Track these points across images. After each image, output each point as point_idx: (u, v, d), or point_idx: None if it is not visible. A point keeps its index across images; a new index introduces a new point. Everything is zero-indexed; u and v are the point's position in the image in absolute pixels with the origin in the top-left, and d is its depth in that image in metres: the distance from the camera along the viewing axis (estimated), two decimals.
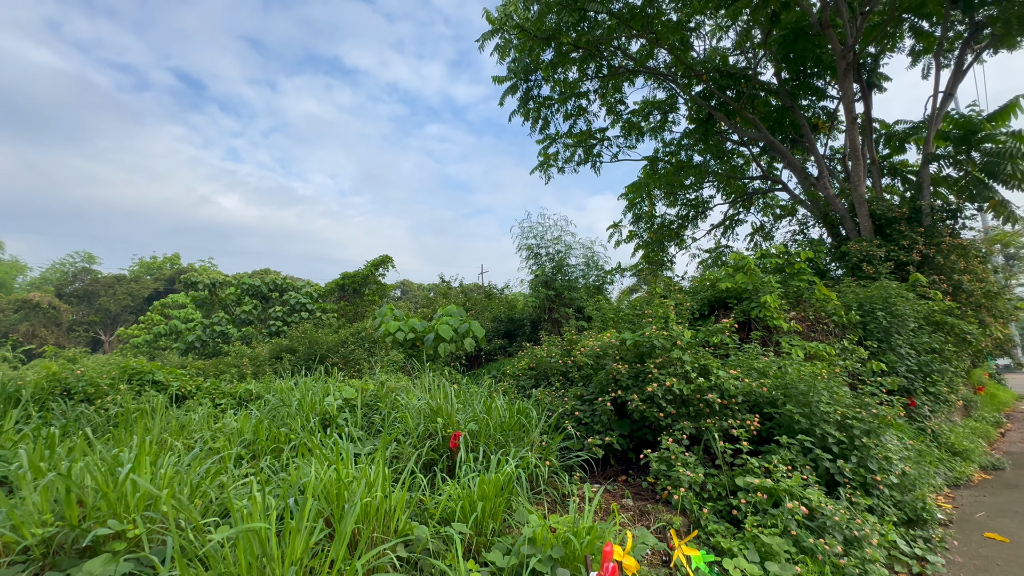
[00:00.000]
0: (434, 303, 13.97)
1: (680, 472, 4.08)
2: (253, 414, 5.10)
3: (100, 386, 5.85)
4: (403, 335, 8.12)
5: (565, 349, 6.68)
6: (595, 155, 16.36)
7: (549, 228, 10.20)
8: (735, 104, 12.87)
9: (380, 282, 17.90)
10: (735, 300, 7.46)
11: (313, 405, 5.18)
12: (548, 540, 2.72)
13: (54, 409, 5.38)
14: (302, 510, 2.19)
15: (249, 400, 6.87)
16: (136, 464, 2.90)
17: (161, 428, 4.84)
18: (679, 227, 18.06)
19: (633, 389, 5.12)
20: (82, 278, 48.89)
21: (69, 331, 43.85)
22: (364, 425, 5.17)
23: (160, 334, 29.50)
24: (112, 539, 2.55)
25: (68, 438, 4.46)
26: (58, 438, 4.21)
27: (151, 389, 6.25)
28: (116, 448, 3.97)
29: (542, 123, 14.67)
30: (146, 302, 47.64)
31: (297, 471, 2.99)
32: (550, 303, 9.39)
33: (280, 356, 12.53)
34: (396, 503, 2.78)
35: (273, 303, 17.08)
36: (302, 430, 4.76)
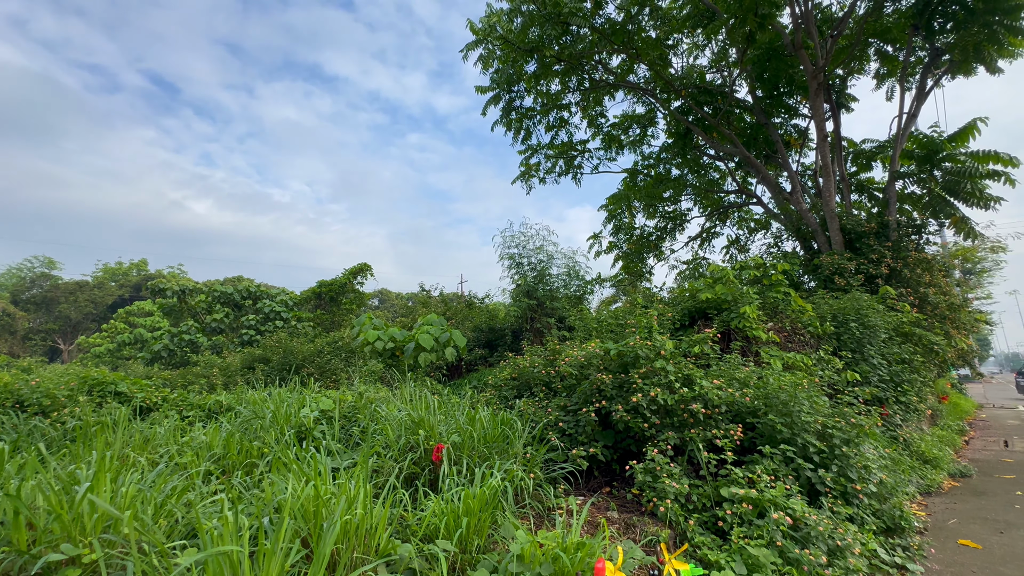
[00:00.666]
0: (414, 312, 13.77)
1: (666, 483, 4.04)
2: (224, 427, 4.86)
3: (57, 398, 5.50)
4: (382, 344, 7.93)
5: (548, 359, 6.62)
6: (576, 167, 16.54)
7: (531, 238, 10.23)
8: (712, 120, 13.21)
9: (358, 291, 17.58)
10: (715, 311, 7.56)
11: (288, 417, 4.97)
12: (536, 557, 2.63)
13: (4, 423, 5.02)
14: (278, 530, 2.05)
15: (219, 412, 6.57)
16: (95, 482, 2.70)
17: (123, 442, 4.56)
18: (658, 239, 18.34)
19: (617, 399, 5.08)
20: (40, 284, 46.60)
21: (24, 339, 41.62)
22: (342, 438, 4.98)
23: (124, 343, 28.22)
24: (66, 565, 2.35)
25: (18, 454, 4.16)
26: (7, 454, 3.92)
27: (113, 401, 5.91)
28: (73, 464, 3.71)
29: (524, 134, 14.77)
30: (110, 309, 45.68)
31: (272, 487, 2.83)
32: (532, 313, 9.34)
33: (253, 366, 12.11)
34: (377, 521, 2.65)
35: (246, 311, 16.55)
36: (276, 444, 4.55)
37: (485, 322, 11.50)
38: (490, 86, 13.39)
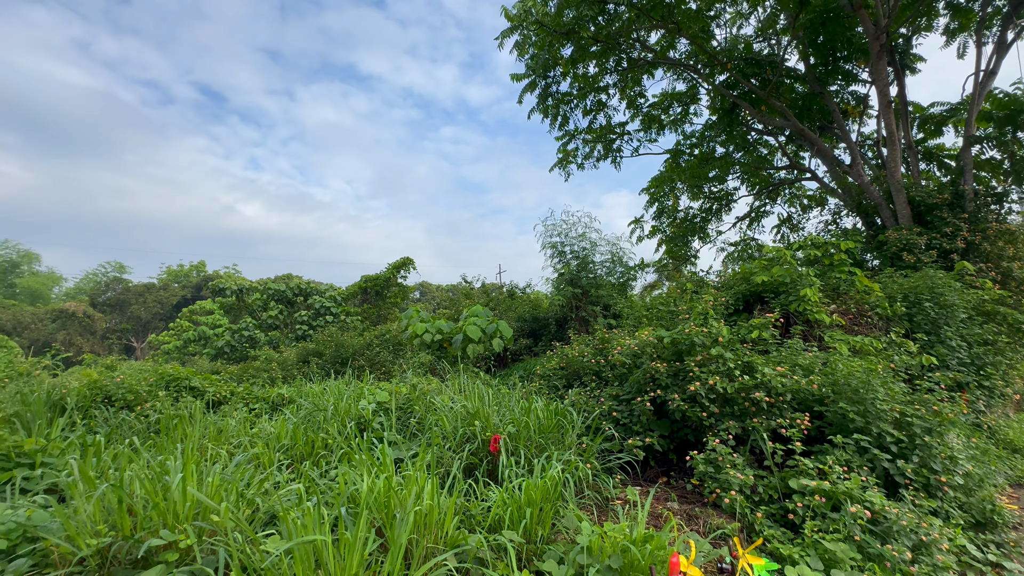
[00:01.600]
0: (457, 304, 13.95)
1: (729, 474, 3.92)
2: (289, 420, 5.10)
3: (139, 393, 5.94)
4: (431, 336, 8.08)
5: (597, 348, 6.54)
6: (615, 150, 16.12)
7: (573, 225, 10.07)
8: (760, 92, 12.50)
9: (401, 284, 17.98)
10: (772, 294, 7.21)
11: (348, 410, 5.15)
12: (604, 549, 2.61)
13: (97, 416, 5.49)
14: (357, 521, 2.12)
15: (282, 404, 6.91)
16: (185, 472, 2.89)
17: (200, 434, 4.87)
18: (703, 220, 17.69)
19: (673, 388, 4.96)
20: (114, 287, 50.50)
21: (103, 339, 45.34)
22: (400, 429, 5.12)
23: (189, 340, 30.24)
24: (164, 549, 2.53)
25: (113, 445, 4.52)
26: (103, 445, 4.27)
27: (188, 395, 6.33)
28: (160, 455, 4.00)
29: (561, 119, 14.51)
30: (175, 309, 48.96)
31: (344, 477, 2.93)
32: (576, 301, 9.24)
33: (307, 360, 12.66)
34: (445, 511, 2.70)
35: (298, 307, 17.30)
36: (339, 435, 4.73)
37: (528, 312, 11.49)
38: (525, 73, 13.21)
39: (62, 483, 3.74)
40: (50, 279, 56.46)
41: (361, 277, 18.62)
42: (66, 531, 2.54)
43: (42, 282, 54.96)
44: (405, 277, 18.01)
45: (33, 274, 55.08)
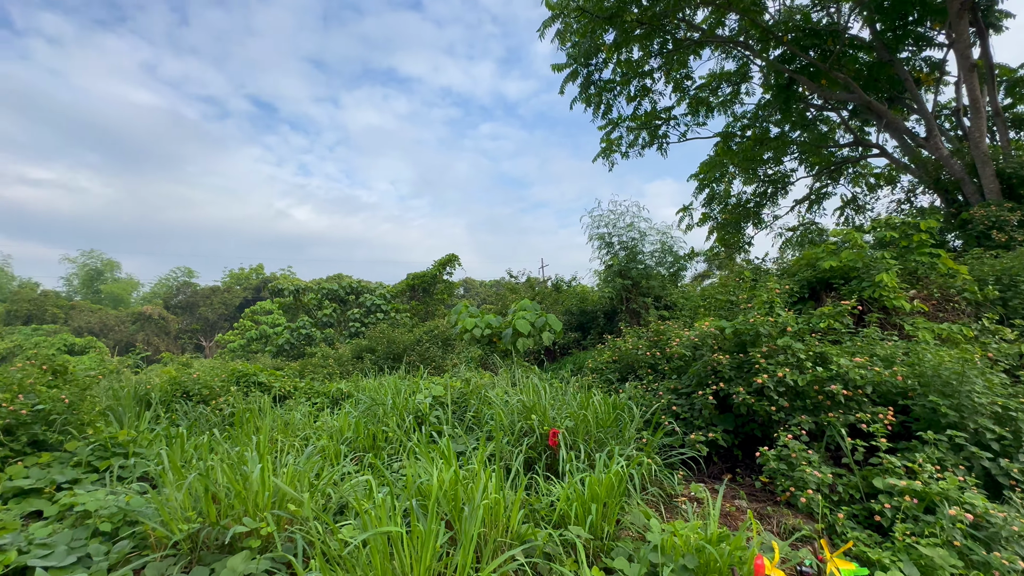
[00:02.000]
0: (503, 299, 14.00)
1: (805, 472, 3.68)
2: (351, 414, 5.27)
3: (214, 388, 6.34)
4: (480, 331, 8.13)
5: (652, 340, 6.35)
6: (660, 136, 15.57)
7: (620, 216, 9.81)
8: (820, 64, 11.67)
9: (447, 281, 18.27)
10: (840, 280, 6.74)
11: (405, 404, 5.27)
12: (677, 548, 2.50)
13: (177, 410, 5.91)
14: (429, 514, 2.13)
15: (341, 399, 7.18)
16: (262, 463, 3.02)
17: (270, 427, 5.12)
18: (757, 205, 16.82)
19: (737, 381, 4.73)
20: (184, 291, 54.42)
21: (176, 338, 49.03)
22: (455, 423, 5.18)
23: (252, 338, 32.16)
24: (247, 536, 2.66)
25: (193, 437, 4.85)
26: (185, 437, 4.57)
27: (256, 390, 6.70)
28: (236, 447, 4.23)
29: (604, 108, 14.16)
30: (238, 309, 52.15)
31: (411, 468, 2.97)
32: (626, 293, 9.02)
33: (361, 356, 13.13)
34: (510, 505, 2.68)
35: (350, 305, 17.95)
36: (398, 428, 4.84)
37: (576, 305, 11.34)
38: (567, 63, 12.98)
39: (152, 471, 4.03)
40: (129, 285, 61.61)
41: (408, 275, 19.11)
42: (160, 516, 2.72)
43: (123, 288, 60.07)
44: (451, 273, 18.28)
45: (115, 281, 60.29)
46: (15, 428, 4.27)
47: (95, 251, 58.66)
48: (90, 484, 3.88)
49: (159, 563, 2.53)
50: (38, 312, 44.69)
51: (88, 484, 3.87)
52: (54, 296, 49.76)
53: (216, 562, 2.55)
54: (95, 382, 5.69)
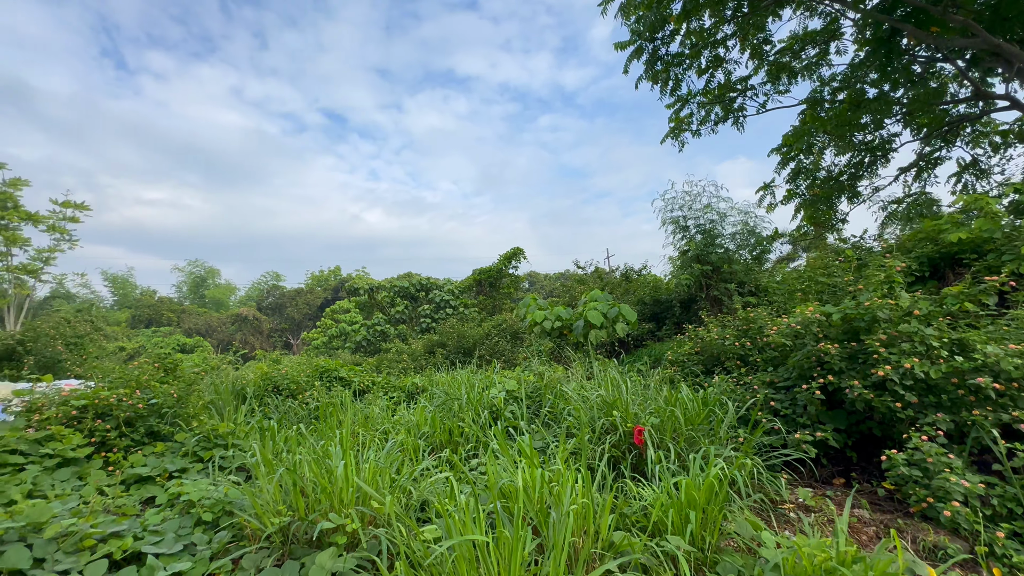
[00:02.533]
0: (571, 290, 13.69)
1: (949, 480, 3.12)
2: (427, 409, 5.29)
3: (300, 383, 6.68)
4: (550, 324, 7.92)
5: (741, 329, 5.80)
6: (735, 110, 14.35)
7: (696, 197, 9.11)
8: (932, 8, 10.11)
9: (513, 274, 18.24)
10: (972, 255, 5.76)
11: (480, 398, 5.19)
12: (802, 569, 2.15)
13: (269, 403, 6.29)
14: (516, 519, 1.96)
15: (416, 393, 7.31)
16: (345, 459, 3.03)
17: (351, 420, 5.27)
18: (852, 177, 15.07)
19: (849, 373, 4.15)
20: (273, 293, 59.29)
21: (268, 337, 53.59)
22: (530, 418, 5.03)
23: (333, 336, 34.34)
24: (334, 532, 2.66)
25: (283, 429, 5.09)
26: (276, 430, 4.79)
27: (338, 385, 6.97)
28: (321, 440, 4.35)
29: (672, 84, 13.29)
30: (319, 309, 55.95)
31: (492, 468, 2.84)
32: (706, 279, 8.37)
33: (433, 350, 13.44)
34: (602, 510, 2.46)
35: (420, 302, 18.48)
36: (474, 423, 4.77)
37: (648, 294, 10.78)
38: (630, 39, 12.31)
39: (248, 463, 4.24)
40: (228, 289, 68.24)
41: (474, 270, 19.34)
42: (255, 510, 2.79)
43: (223, 292, 66.67)
44: (516, 267, 18.22)
45: (216, 286, 67.08)
46: (135, 420, 4.69)
47: (199, 260, 65.55)
48: (196, 473, 4.17)
49: (254, 555, 2.59)
50: (156, 316, 50.70)
51: (194, 473, 4.16)
52: (168, 301, 56.21)
53: (306, 556, 2.57)
54: (199, 378, 6.18)
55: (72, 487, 3.77)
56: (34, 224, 27.01)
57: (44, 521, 2.45)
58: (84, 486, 3.81)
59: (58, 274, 26.42)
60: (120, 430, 4.50)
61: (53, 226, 27.51)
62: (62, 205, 27.62)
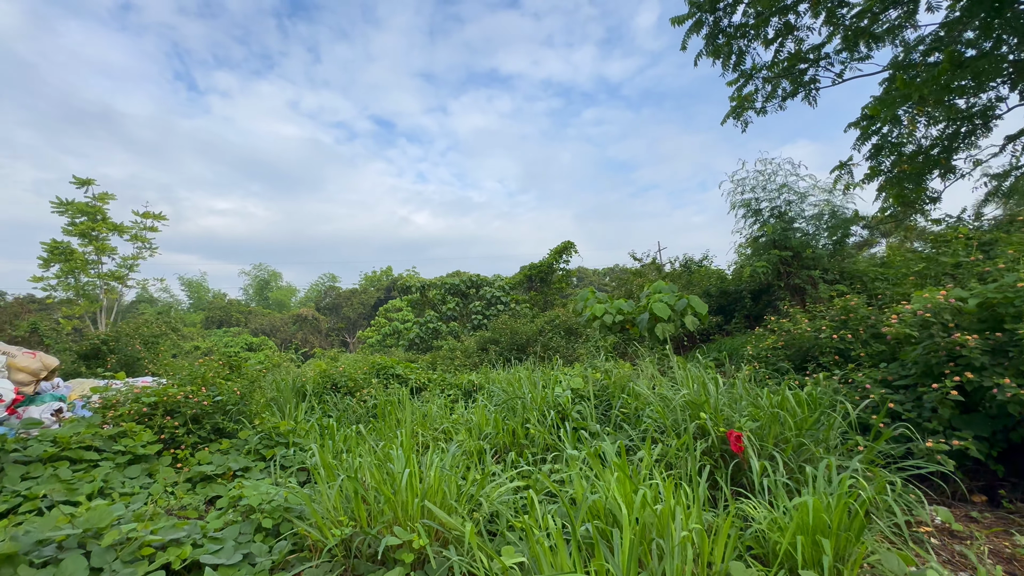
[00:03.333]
0: (627, 283, 13.06)
1: None
2: (488, 407, 5.00)
3: (358, 380, 6.60)
4: (611, 318, 7.44)
5: (839, 320, 5.10)
6: (806, 83, 13.13)
7: (770, 177, 8.25)
8: None
9: (564, 269, 17.76)
10: None
11: (544, 397, 4.83)
12: None
13: (328, 401, 6.24)
14: (623, 552, 1.58)
15: (473, 391, 7.06)
16: (407, 464, 2.76)
17: (410, 419, 5.06)
18: (944, 150, 13.41)
19: (994, 369, 3.44)
20: (330, 295, 61.90)
21: (326, 336, 55.97)
22: (600, 419, 4.61)
23: (386, 334, 35.20)
24: (399, 548, 2.38)
25: (343, 428, 4.97)
26: (336, 429, 4.66)
27: (394, 382, 6.85)
28: (381, 441, 4.14)
29: (735, 58, 12.31)
30: (373, 308, 57.80)
31: (577, 479, 2.47)
32: (785, 266, 7.56)
33: (486, 347, 13.25)
34: (717, 535, 2.02)
35: (471, 299, 18.39)
36: (540, 424, 4.42)
37: (715, 285, 10.00)
38: (689, 12, 11.49)
39: (308, 464, 4.10)
40: (289, 291, 72.02)
41: (522, 267, 19.03)
42: (314, 519, 2.57)
43: (284, 294, 70.42)
44: (567, 261, 17.72)
45: (278, 288, 70.97)
46: (201, 417, 4.70)
47: (263, 264, 69.54)
48: (258, 472, 4.08)
49: (315, 570, 2.37)
50: (226, 317, 54.25)
51: (257, 472, 4.07)
52: (237, 303, 60.01)
53: (370, 573, 2.31)
54: (262, 376, 6.21)
55: (141, 484, 3.76)
56: (119, 234, 29.42)
57: (105, 526, 2.32)
58: (153, 483, 3.79)
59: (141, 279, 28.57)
60: (187, 427, 4.51)
61: (135, 236, 29.85)
62: (143, 216, 29.91)
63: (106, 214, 29.03)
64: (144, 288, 35.90)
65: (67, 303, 28.88)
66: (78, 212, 28.19)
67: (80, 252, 27.99)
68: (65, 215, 28.00)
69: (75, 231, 27.91)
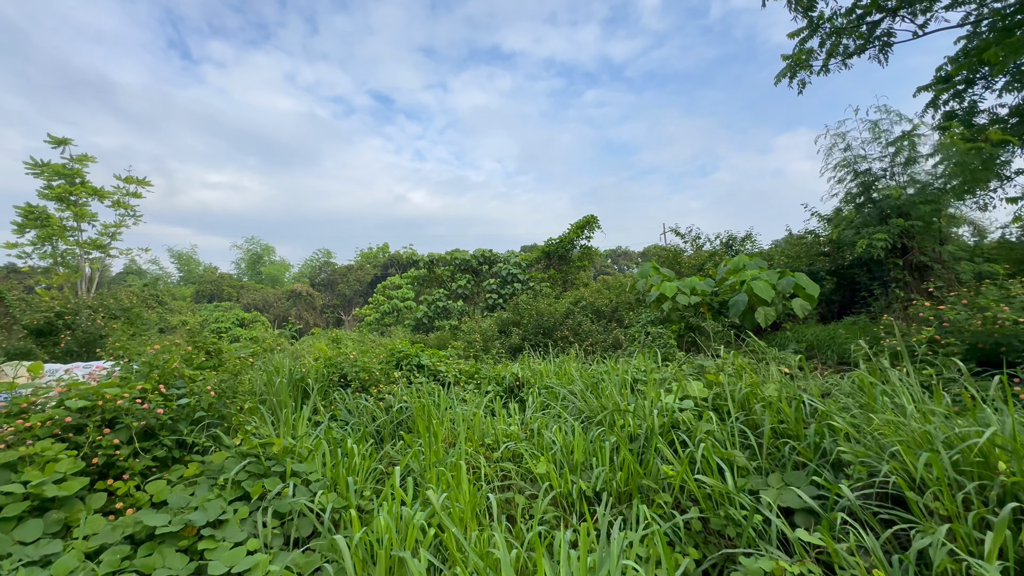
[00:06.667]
0: (671, 262, 11.56)
1: None
2: (565, 420, 3.55)
3: (373, 372, 5.14)
4: (686, 298, 5.98)
5: None
6: (878, 37, 11.48)
7: (883, 132, 6.68)
8: None
9: (587, 246, 16.22)
10: None
11: (650, 411, 3.39)
12: None
13: (336, 400, 4.79)
14: None
15: (516, 387, 5.63)
16: None
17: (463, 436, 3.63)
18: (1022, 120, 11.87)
19: None
20: (325, 270, 60.04)
21: (321, 313, 54.35)
22: (737, 442, 3.19)
23: (385, 312, 33.64)
24: None
25: (360, 444, 3.53)
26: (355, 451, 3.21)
27: (420, 375, 5.39)
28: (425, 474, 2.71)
29: (805, 3, 10.63)
30: (369, 285, 56.13)
31: None
32: (904, 240, 6.07)
33: (506, 330, 11.83)
34: None
35: (484, 276, 16.84)
36: (658, 456, 2.99)
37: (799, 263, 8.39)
38: None
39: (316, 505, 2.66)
40: (283, 266, 70.06)
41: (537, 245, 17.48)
42: None
43: (278, 269, 68.49)
44: (589, 238, 16.18)
45: (271, 263, 69.01)
46: (157, 429, 3.24)
47: (255, 238, 67.37)
48: (237, 527, 2.64)
49: None
50: (218, 291, 52.47)
51: (234, 527, 2.62)
52: (228, 278, 58.16)
53: None
54: (247, 364, 4.74)
55: (44, 554, 2.31)
56: (100, 199, 27.45)
57: None
58: (64, 553, 2.35)
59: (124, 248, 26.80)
60: (135, 446, 3.05)
61: (118, 201, 27.88)
62: (125, 180, 27.91)
63: (85, 177, 26.99)
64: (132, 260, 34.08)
65: (46, 272, 27.08)
66: (54, 174, 26.13)
67: (56, 217, 26.01)
68: (40, 177, 25.94)
69: (51, 195, 25.88)
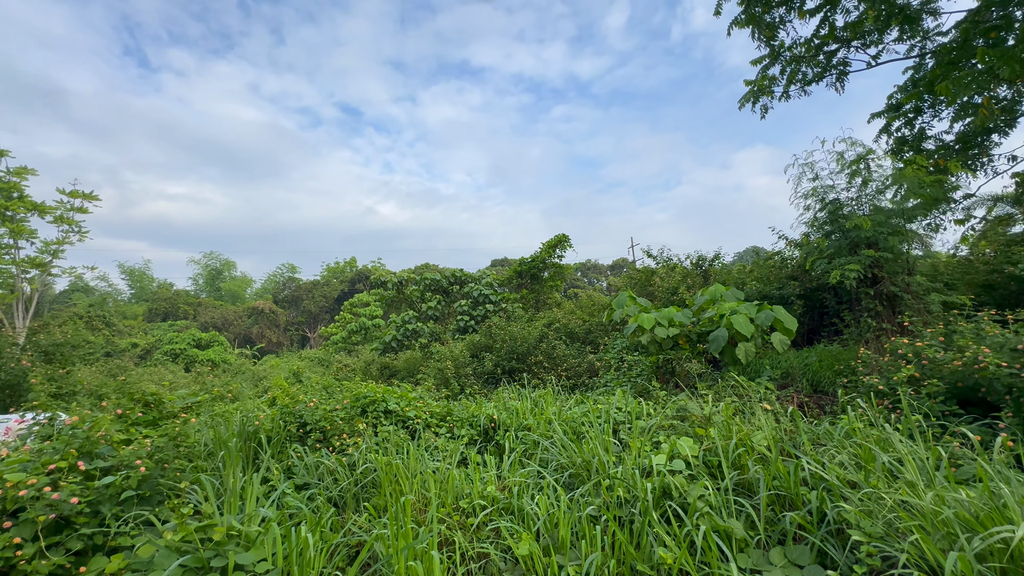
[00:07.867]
0: (642, 283, 11.52)
1: None
2: (542, 477, 3.23)
3: (335, 421, 4.70)
4: (664, 331, 5.82)
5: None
6: (834, 65, 11.98)
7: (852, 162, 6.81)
8: None
9: (558, 264, 16.10)
10: None
11: (641, 476, 3.14)
12: None
13: (292, 456, 4.33)
14: None
15: (493, 430, 5.30)
16: None
17: (435, 501, 3.27)
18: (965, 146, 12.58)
19: None
20: (289, 286, 57.97)
21: (285, 330, 52.31)
22: (733, 509, 2.96)
23: (352, 331, 32.57)
24: None
25: (319, 515, 3.13)
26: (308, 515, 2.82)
27: (386, 422, 4.99)
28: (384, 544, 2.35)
29: (767, 31, 10.96)
30: (336, 302, 54.51)
31: None
32: (874, 270, 6.15)
33: (478, 355, 11.48)
34: None
35: (455, 296, 16.45)
36: (660, 543, 2.73)
37: (756, 291, 8.52)
38: None
39: None
40: (244, 282, 67.23)
41: (510, 264, 17.28)
42: None
43: (239, 285, 65.68)
44: (561, 257, 16.06)
45: (232, 278, 66.12)
46: (72, 519, 2.76)
47: (215, 252, 64.53)
48: None
49: None
50: (172, 309, 49.76)
51: None
52: (184, 294, 55.33)
53: None
54: (187, 423, 4.24)
55: None
56: (40, 215, 25.60)
57: None
58: None
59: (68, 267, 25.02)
60: (39, 544, 2.56)
61: (61, 217, 26.07)
62: (70, 195, 26.16)
63: (24, 191, 25.14)
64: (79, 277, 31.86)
65: None
66: None
67: None
68: None
69: None
